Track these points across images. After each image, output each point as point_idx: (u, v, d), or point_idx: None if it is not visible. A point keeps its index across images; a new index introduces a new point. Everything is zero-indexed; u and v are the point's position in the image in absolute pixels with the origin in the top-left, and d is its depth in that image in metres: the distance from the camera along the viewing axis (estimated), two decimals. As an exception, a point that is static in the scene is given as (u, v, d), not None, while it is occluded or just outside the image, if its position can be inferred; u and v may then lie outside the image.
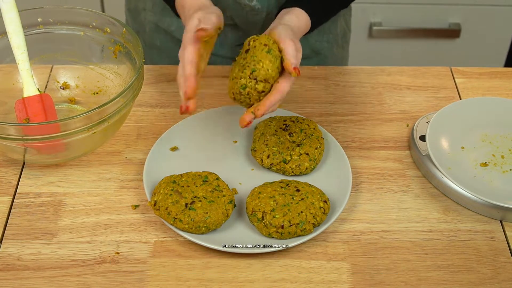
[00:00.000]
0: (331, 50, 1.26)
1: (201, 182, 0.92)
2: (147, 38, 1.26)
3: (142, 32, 1.26)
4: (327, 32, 1.23)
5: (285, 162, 0.97)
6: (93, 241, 0.90)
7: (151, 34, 1.25)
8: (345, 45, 1.31)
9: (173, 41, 1.23)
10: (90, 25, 1.06)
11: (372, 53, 2.03)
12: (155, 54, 1.27)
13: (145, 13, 1.24)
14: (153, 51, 1.26)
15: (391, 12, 1.97)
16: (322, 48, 1.25)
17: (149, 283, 0.86)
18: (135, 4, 1.26)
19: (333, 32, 1.25)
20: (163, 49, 1.25)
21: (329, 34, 1.24)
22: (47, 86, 1.11)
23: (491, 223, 0.94)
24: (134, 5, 1.26)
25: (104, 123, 0.93)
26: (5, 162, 1.01)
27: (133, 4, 1.26)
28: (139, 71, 0.96)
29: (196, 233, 0.89)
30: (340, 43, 1.28)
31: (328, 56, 1.26)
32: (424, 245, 0.91)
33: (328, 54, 1.26)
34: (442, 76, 1.19)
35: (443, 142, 1.02)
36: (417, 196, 0.98)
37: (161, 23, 1.22)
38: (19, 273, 0.87)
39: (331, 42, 1.25)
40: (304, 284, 0.86)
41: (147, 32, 1.25)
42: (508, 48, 2.06)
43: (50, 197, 0.96)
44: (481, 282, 0.87)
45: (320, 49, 1.25)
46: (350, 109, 1.11)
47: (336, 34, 1.26)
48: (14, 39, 0.98)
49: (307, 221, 0.88)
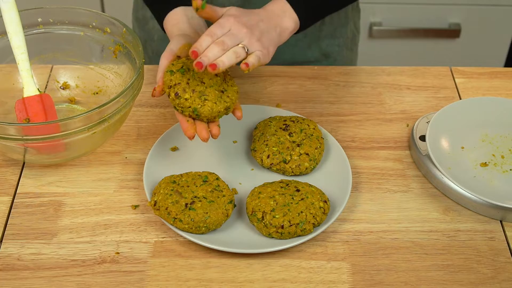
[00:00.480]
0: (341, 53, 1.27)
1: (201, 182, 0.92)
2: (155, 46, 1.26)
3: (150, 40, 1.26)
4: (338, 36, 1.24)
5: (285, 162, 0.97)
6: (93, 241, 0.90)
7: (159, 43, 1.25)
8: (354, 47, 1.31)
9: None
10: (90, 25, 1.06)
11: (372, 53, 2.03)
12: None
13: (153, 22, 1.24)
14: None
15: (391, 12, 1.97)
16: (332, 51, 1.25)
17: (149, 283, 0.86)
18: (143, 14, 1.26)
19: (344, 36, 1.25)
20: None
21: (340, 38, 1.25)
22: (47, 86, 1.11)
23: (491, 223, 0.94)
24: (142, 14, 1.26)
25: (104, 123, 0.93)
26: (5, 162, 1.01)
27: (141, 13, 1.26)
28: (139, 71, 0.96)
29: (196, 233, 0.89)
30: (350, 46, 1.28)
31: (338, 59, 1.27)
32: (424, 245, 0.91)
33: (337, 57, 1.26)
34: (442, 76, 1.19)
35: (443, 142, 1.02)
36: (417, 196, 0.98)
37: None
38: (19, 273, 0.87)
39: (341, 46, 1.26)
40: (304, 284, 0.86)
41: (155, 41, 1.25)
42: (508, 48, 2.06)
43: (50, 197, 0.96)
44: (481, 282, 0.87)
45: (330, 52, 1.25)
46: (350, 109, 1.11)
47: (346, 38, 1.26)
48: (14, 39, 0.98)
49: (307, 221, 0.88)
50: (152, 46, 1.27)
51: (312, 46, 1.23)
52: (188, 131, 0.89)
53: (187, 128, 0.89)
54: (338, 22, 1.23)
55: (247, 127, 1.06)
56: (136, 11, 1.28)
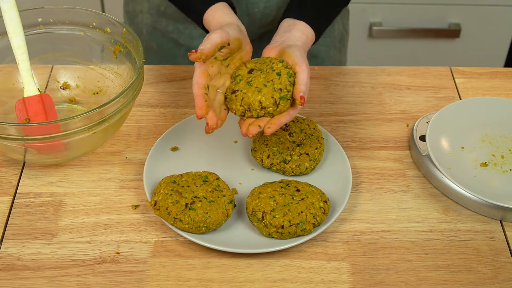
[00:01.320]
0: (328, 54, 1.26)
1: (201, 182, 0.92)
2: (144, 40, 1.26)
3: (139, 34, 1.26)
4: (325, 36, 1.23)
5: (285, 162, 0.97)
6: (93, 241, 0.90)
7: (148, 37, 1.25)
8: (342, 48, 1.30)
9: (170, 43, 1.23)
10: (90, 25, 1.06)
11: (372, 53, 2.03)
12: (152, 56, 1.27)
13: (142, 16, 1.24)
14: (150, 53, 1.26)
15: (391, 12, 1.97)
16: (319, 51, 1.24)
17: (149, 283, 0.86)
18: (133, 7, 1.26)
19: (331, 35, 1.25)
20: (160, 51, 1.25)
21: (326, 37, 1.24)
22: (47, 86, 1.11)
23: (491, 223, 0.94)
24: (132, 7, 1.26)
25: (104, 123, 0.93)
26: (5, 162, 1.01)
27: (131, 6, 1.26)
28: (139, 71, 0.96)
29: (196, 233, 0.89)
30: (338, 47, 1.28)
31: (325, 59, 1.26)
32: (424, 245, 0.91)
33: (325, 58, 1.26)
34: (442, 76, 1.19)
35: (443, 142, 1.02)
36: (417, 196, 0.98)
37: (158, 25, 1.22)
38: (19, 273, 0.87)
39: (329, 46, 1.25)
40: (304, 284, 0.86)
41: (144, 35, 1.25)
42: (508, 48, 2.06)
43: (50, 197, 0.96)
44: (481, 282, 0.87)
45: (317, 52, 1.24)
46: (350, 109, 1.11)
47: (333, 38, 1.25)
48: (14, 39, 0.98)
49: (307, 221, 0.88)
50: (142, 40, 1.26)
51: None
52: (202, 109, 0.87)
53: (201, 106, 0.87)
54: None
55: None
56: (127, 4, 1.28)
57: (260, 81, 0.90)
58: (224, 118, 0.91)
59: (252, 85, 0.90)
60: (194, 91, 0.88)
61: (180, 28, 1.21)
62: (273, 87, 0.88)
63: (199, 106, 0.87)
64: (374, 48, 2.03)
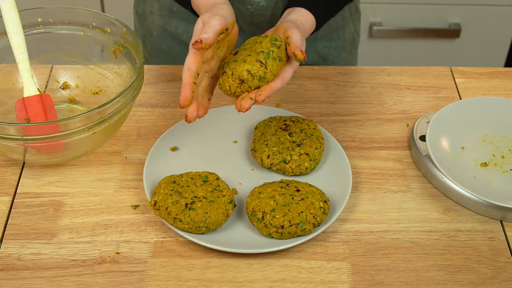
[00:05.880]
0: (338, 56, 1.26)
1: (201, 182, 0.92)
2: (154, 42, 1.26)
3: (149, 36, 1.26)
4: (335, 39, 1.23)
5: (285, 162, 0.97)
6: (93, 241, 0.90)
7: (158, 39, 1.25)
8: (353, 50, 1.30)
9: (180, 45, 1.23)
10: (90, 25, 1.06)
11: (372, 53, 2.03)
12: (162, 58, 1.26)
13: (152, 17, 1.24)
14: (160, 55, 1.26)
15: (391, 12, 1.97)
16: (329, 54, 1.24)
17: (149, 283, 0.86)
18: (143, 8, 1.25)
19: (342, 38, 1.24)
20: (169, 53, 1.25)
21: (337, 40, 1.24)
22: (47, 86, 1.11)
23: (491, 223, 0.94)
24: (142, 8, 1.26)
25: (104, 123, 0.93)
26: (5, 162, 1.01)
27: (141, 7, 1.26)
28: (139, 71, 0.96)
29: (196, 233, 0.89)
30: (348, 49, 1.28)
31: (335, 62, 1.26)
32: (424, 245, 0.91)
33: (335, 60, 1.26)
34: (442, 76, 1.19)
35: (443, 142, 1.02)
36: (417, 196, 0.98)
37: (168, 26, 1.22)
38: (19, 273, 0.87)
39: (339, 48, 1.25)
40: (304, 284, 0.86)
41: (154, 37, 1.25)
42: (508, 48, 2.06)
43: (50, 197, 0.96)
44: (481, 282, 0.87)
45: (327, 55, 1.24)
46: (350, 109, 1.11)
47: (344, 40, 1.25)
48: (14, 39, 0.98)
49: (307, 221, 0.88)
50: (151, 42, 1.26)
51: (308, 48, 1.22)
52: (186, 101, 0.86)
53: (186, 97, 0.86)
54: (334, 25, 1.22)
55: (247, 127, 1.06)
56: (137, 5, 1.28)
57: (245, 53, 0.89)
58: (206, 106, 0.90)
59: (238, 60, 0.89)
60: (184, 79, 0.87)
61: (190, 29, 1.20)
62: (255, 53, 0.88)
63: (184, 97, 0.86)
64: (374, 48, 2.03)
